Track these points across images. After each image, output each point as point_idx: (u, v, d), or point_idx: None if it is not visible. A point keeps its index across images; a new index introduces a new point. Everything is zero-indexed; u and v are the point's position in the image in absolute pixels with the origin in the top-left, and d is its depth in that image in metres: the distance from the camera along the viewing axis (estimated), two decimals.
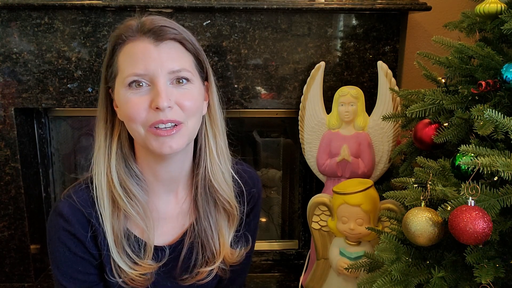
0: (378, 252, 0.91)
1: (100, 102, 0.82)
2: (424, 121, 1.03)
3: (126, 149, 0.83)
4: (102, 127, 0.82)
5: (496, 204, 0.76)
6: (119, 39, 0.76)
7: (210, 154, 0.86)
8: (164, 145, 0.75)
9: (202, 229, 0.87)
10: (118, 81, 0.76)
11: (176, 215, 0.89)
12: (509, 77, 0.86)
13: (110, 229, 0.79)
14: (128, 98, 0.74)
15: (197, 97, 0.79)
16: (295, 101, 1.45)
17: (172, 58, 0.75)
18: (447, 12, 1.51)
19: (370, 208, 1.15)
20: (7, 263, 1.50)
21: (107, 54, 0.79)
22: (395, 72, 1.43)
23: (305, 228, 1.64)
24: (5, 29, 1.35)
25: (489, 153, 0.77)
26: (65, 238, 0.79)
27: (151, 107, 0.74)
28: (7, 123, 1.41)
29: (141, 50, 0.74)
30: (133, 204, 0.80)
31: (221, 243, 0.88)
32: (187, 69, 0.77)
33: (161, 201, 0.87)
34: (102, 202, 0.79)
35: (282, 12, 1.38)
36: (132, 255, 0.81)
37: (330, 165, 1.38)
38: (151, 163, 0.82)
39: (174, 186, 0.87)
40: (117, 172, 0.80)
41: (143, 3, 1.31)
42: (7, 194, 1.45)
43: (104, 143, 0.81)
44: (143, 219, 0.82)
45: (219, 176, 0.86)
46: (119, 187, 0.80)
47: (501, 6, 0.97)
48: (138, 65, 0.73)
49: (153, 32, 0.74)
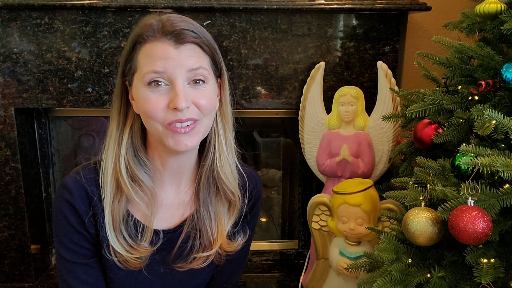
0: (378, 252, 0.91)
1: (115, 93, 0.86)
2: (424, 121, 1.03)
3: (137, 140, 0.86)
4: (116, 117, 0.86)
5: (496, 204, 0.76)
6: (140, 37, 0.79)
7: (220, 148, 0.89)
8: (180, 143, 0.79)
9: (202, 218, 0.90)
10: (137, 77, 0.80)
11: (176, 204, 0.92)
12: (509, 77, 0.86)
13: (109, 213, 0.83)
14: (147, 96, 0.78)
15: (212, 96, 0.83)
16: (295, 101, 1.45)
17: (190, 57, 0.78)
18: (447, 12, 1.51)
19: (370, 208, 1.15)
20: (7, 263, 1.50)
21: (127, 50, 0.82)
22: (395, 72, 1.43)
23: (305, 228, 1.64)
24: (5, 29, 1.35)
25: (489, 153, 0.77)
26: (66, 209, 0.84)
27: (169, 107, 0.77)
28: (7, 123, 1.41)
29: (161, 50, 0.77)
30: (138, 191, 0.85)
31: (219, 231, 0.91)
32: (204, 67, 0.80)
33: (164, 190, 0.90)
34: (106, 186, 0.83)
35: (282, 12, 1.38)
36: (128, 240, 0.84)
37: (330, 165, 1.38)
38: (162, 155, 0.87)
39: (178, 177, 0.91)
40: (126, 161, 0.84)
41: (143, 3, 1.31)
42: (7, 194, 1.45)
43: (116, 132, 0.85)
44: (148, 205, 0.86)
45: (227, 168, 0.90)
46: (125, 175, 0.84)
47: (501, 6, 0.97)
48: (158, 63, 0.76)
49: (174, 35, 0.77)
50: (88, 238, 0.86)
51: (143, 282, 0.89)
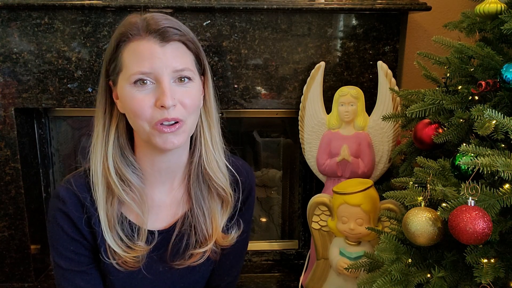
0: (378, 252, 0.91)
1: (99, 93, 0.85)
2: (424, 121, 1.03)
3: (123, 139, 0.87)
4: (101, 117, 0.86)
5: (496, 204, 0.76)
6: (124, 36, 0.79)
7: (205, 144, 0.90)
8: (167, 141, 0.79)
9: (196, 216, 0.90)
10: (123, 77, 0.79)
11: (169, 203, 0.92)
12: (509, 77, 0.86)
13: (104, 214, 0.84)
14: (133, 95, 0.78)
15: (197, 95, 0.84)
16: (295, 101, 1.45)
17: (176, 57, 0.79)
18: (447, 12, 1.51)
19: (370, 208, 1.15)
20: (7, 263, 1.50)
21: (110, 49, 0.81)
22: (395, 72, 1.43)
23: (305, 228, 1.64)
24: (5, 29, 1.35)
25: (489, 153, 0.77)
26: (60, 218, 0.85)
27: (156, 105, 0.77)
28: (7, 123, 1.41)
29: (147, 49, 0.77)
30: (128, 191, 0.85)
31: (214, 227, 0.92)
32: (189, 68, 0.81)
33: (156, 191, 0.90)
34: (97, 188, 0.84)
35: (282, 12, 1.38)
36: (125, 239, 0.85)
37: (330, 165, 1.38)
38: (150, 155, 0.87)
39: (170, 177, 0.91)
40: (114, 161, 0.85)
41: (143, 3, 1.31)
42: (7, 194, 1.45)
43: (102, 132, 0.85)
44: (139, 205, 0.86)
45: (214, 165, 0.91)
46: (114, 175, 0.84)
47: (501, 6, 0.97)
48: (144, 63, 0.76)
49: (159, 33, 0.77)
50: (84, 244, 0.87)
51: (143, 281, 0.89)
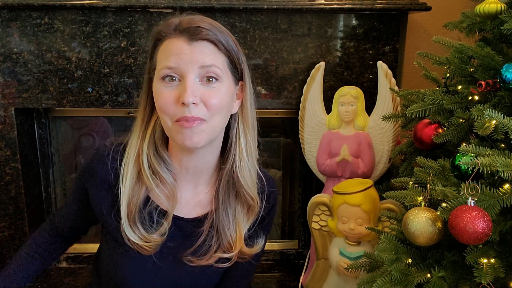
0: (378, 252, 0.91)
1: (143, 89, 0.88)
2: (424, 121, 1.03)
3: (158, 136, 0.88)
4: (141, 112, 0.88)
5: (496, 204, 0.76)
6: (159, 35, 0.81)
7: (240, 152, 0.89)
8: (186, 138, 0.79)
9: (220, 219, 0.90)
10: (156, 74, 0.82)
11: (194, 204, 0.92)
12: (509, 77, 0.86)
13: (126, 204, 0.84)
14: (161, 90, 0.79)
15: (224, 96, 0.82)
16: (295, 101, 1.45)
17: (204, 54, 0.79)
18: (447, 12, 1.51)
19: (370, 208, 1.15)
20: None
21: (150, 48, 0.85)
22: (395, 72, 1.43)
23: (305, 228, 1.64)
24: (5, 29, 1.35)
25: (489, 153, 0.77)
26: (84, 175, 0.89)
27: (178, 102, 0.78)
28: (7, 123, 1.41)
29: (175, 45, 0.79)
30: (159, 183, 0.86)
31: (238, 233, 0.91)
32: (217, 66, 0.80)
33: (181, 188, 0.91)
34: (125, 179, 0.85)
35: (282, 12, 1.38)
36: (142, 231, 0.85)
37: (330, 165, 1.38)
38: (178, 153, 0.88)
39: (196, 176, 0.91)
40: (147, 156, 0.86)
41: (143, 3, 1.31)
42: (7, 194, 1.45)
43: (140, 127, 0.87)
44: (168, 199, 0.87)
45: (246, 172, 0.90)
46: (147, 168, 0.85)
47: (501, 6, 0.97)
48: (171, 58, 0.78)
49: (188, 31, 0.78)
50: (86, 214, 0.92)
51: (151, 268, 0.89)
